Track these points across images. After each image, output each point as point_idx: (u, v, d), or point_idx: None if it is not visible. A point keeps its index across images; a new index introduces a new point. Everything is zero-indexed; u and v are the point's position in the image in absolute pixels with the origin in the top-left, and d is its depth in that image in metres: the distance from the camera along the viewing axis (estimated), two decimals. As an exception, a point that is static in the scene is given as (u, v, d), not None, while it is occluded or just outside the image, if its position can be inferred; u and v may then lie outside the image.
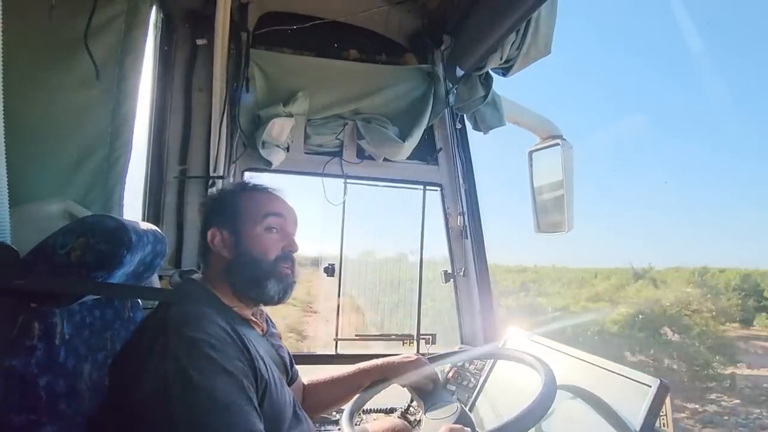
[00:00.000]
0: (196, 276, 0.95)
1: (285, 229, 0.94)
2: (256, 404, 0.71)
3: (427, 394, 1.12)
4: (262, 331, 0.98)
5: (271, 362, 0.84)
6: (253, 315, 0.96)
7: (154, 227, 0.94)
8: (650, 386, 0.92)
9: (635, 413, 0.91)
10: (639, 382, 0.95)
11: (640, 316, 9.26)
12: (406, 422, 1.36)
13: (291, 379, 1.10)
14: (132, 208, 1.43)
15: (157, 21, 1.58)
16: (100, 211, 1.20)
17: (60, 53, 1.17)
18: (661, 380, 0.91)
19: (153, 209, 1.60)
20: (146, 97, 1.58)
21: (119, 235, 0.77)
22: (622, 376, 1.00)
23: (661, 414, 0.92)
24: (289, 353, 1.13)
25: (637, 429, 0.89)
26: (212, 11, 1.47)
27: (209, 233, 0.91)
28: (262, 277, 0.89)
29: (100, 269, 0.76)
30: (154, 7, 1.38)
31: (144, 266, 0.90)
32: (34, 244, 0.74)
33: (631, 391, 0.96)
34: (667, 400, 0.91)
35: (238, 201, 0.93)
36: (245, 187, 0.97)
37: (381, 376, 1.14)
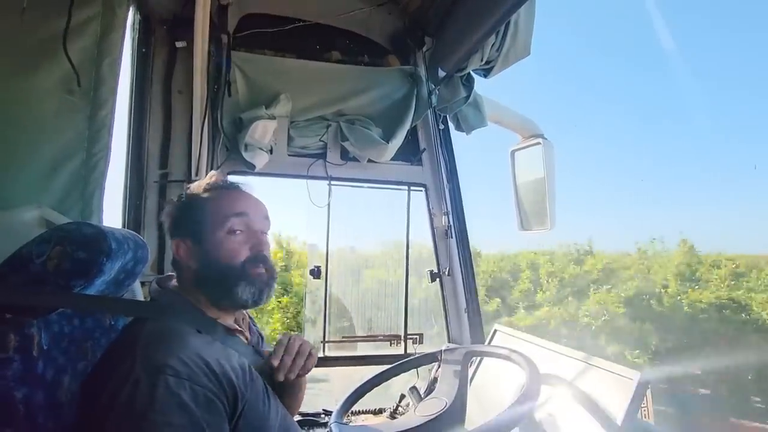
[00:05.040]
0: (173, 284, 0.92)
1: (251, 227, 0.87)
2: None
3: None
4: (247, 339, 0.95)
5: (256, 375, 0.81)
6: (236, 323, 0.93)
7: (134, 233, 0.92)
8: (632, 379, 0.94)
9: (618, 405, 0.94)
10: (621, 375, 0.98)
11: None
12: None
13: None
14: (112, 213, 1.40)
15: (134, 23, 1.55)
16: (78, 217, 1.18)
17: (34, 57, 1.14)
18: (641, 374, 0.94)
19: (133, 215, 1.57)
20: (125, 100, 1.55)
21: (98, 243, 0.75)
22: (604, 369, 1.02)
23: (642, 405, 0.94)
24: None
25: (620, 420, 0.92)
26: (191, 13, 1.45)
27: (173, 244, 0.87)
28: (231, 283, 0.84)
29: (78, 278, 0.74)
30: (131, 9, 1.36)
31: (125, 273, 0.89)
32: (9, 253, 0.72)
33: (613, 384, 0.98)
34: (648, 392, 0.94)
35: (197, 206, 0.87)
36: (206, 189, 0.89)
37: None
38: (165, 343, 0.71)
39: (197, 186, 0.91)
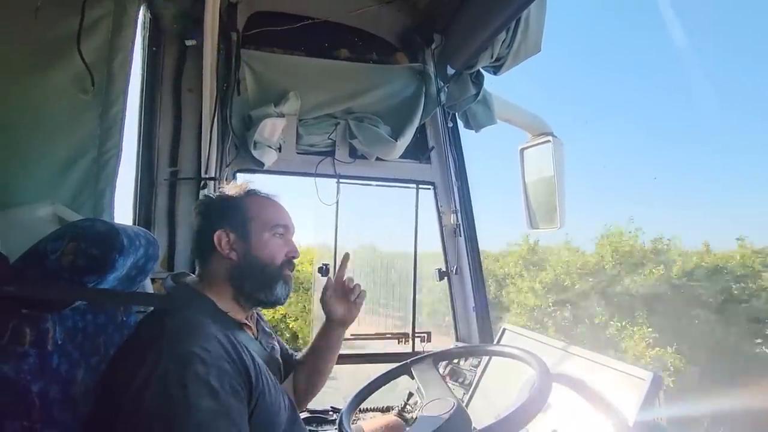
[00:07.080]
0: (190, 279, 0.95)
1: (287, 236, 0.98)
2: (243, 424, 0.70)
3: None
4: (254, 334, 0.99)
5: (264, 366, 0.83)
6: (246, 318, 0.97)
7: (145, 230, 0.93)
8: (644, 379, 0.93)
9: (630, 406, 0.93)
10: (633, 375, 0.96)
11: None
12: (401, 420, 1.37)
13: (286, 373, 1.11)
14: (123, 210, 1.41)
15: (145, 21, 1.56)
16: (90, 214, 1.19)
17: (47, 55, 1.15)
18: (654, 373, 0.93)
19: (144, 212, 1.58)
20: (135, 98, 1.57)
21: (111, 239, 0.76)
22: (617, 370, 1.01)
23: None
24: (282, 344, 1.15)
25: (632, 422, 0.91)
26: (201, 11, 1.45)
27: (216, 235, 0.91)
28: (272, 280, 0.93)
29: (92, 274, 0.75)
30: (141, 8, 1.36)
31: (137, 270, 0.89)
32: (23, 248, 0.73)
33: (625, 384, 0.97)
34: (661, 393, 0.93)
35: (247, 206, 0.96)
36: (253, 193, 1.00)
37: None
38: (188, 333, 0.72)
39: (238, 188, 1.00)
